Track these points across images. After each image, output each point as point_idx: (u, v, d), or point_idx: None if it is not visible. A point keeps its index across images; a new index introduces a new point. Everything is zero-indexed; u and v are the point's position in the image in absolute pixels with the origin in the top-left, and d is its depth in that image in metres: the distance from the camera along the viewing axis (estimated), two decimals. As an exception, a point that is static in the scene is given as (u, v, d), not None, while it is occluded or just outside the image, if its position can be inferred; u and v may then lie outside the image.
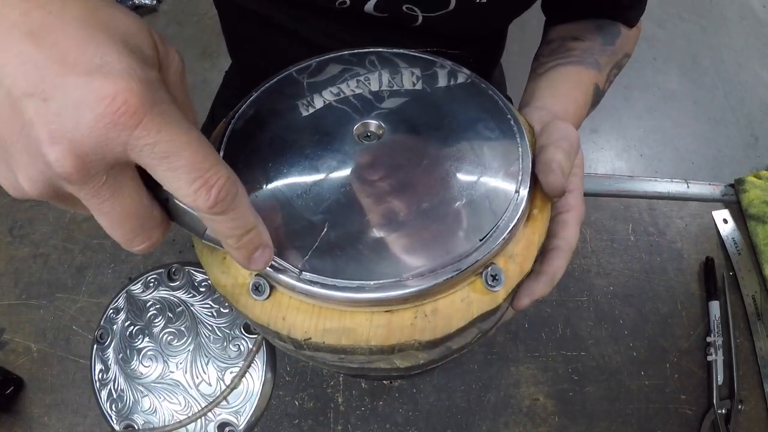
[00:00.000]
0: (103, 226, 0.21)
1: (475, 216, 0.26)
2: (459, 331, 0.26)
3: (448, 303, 0.26)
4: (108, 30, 0.19)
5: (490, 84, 0.33)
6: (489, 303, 0.26)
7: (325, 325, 0.25)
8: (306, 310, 0.26)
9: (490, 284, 0.26)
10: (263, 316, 0.26)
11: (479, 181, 0.28)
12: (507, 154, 0.29)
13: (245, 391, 0.45)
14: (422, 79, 0.33)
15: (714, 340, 0.52)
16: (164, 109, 0.19)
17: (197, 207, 0.20)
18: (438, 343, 0.26)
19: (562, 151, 0.29)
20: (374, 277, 0.24)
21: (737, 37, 1.96)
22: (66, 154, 0.18)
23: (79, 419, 0.47)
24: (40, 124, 0.18)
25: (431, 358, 0.28)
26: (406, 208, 0.27)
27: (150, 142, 0.18)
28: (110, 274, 0.54)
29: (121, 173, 0.20)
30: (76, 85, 0.17)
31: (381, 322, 0.25)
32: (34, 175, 0.19)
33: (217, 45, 1.77)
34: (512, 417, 0.48)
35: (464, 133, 0.30)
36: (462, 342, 0.28)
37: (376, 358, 0.26)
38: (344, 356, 0.26)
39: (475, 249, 0.25)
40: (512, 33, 0.68)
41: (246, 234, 0.22)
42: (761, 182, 0.63)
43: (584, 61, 0.45)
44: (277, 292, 0.26)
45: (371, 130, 0.30)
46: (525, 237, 0.28)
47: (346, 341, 0.25)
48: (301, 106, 0.31)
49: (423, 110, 0.31)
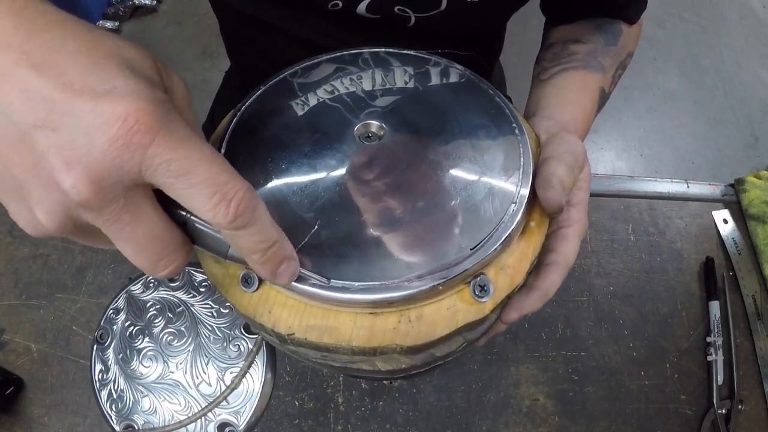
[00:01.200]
0: (127, 255, 0.20)
1: (468, 224, 0.26)
2: (443, 339, 0.25)
3: (433, 310, 0.25)
4: (112, 57, 0.19)
5: (490, 84, 0.33)
6: (475, 313, 0.26)
7: (309, 322, 0.25)
8: (292, 305, 0.26)
9: (478, 295, 0.25)
10: (250, 308, 0.26)
11: (476, 188, 0.27)
12: (507, 161, 0.29)
13: (245, 391, 0.45)
14: (439, 76, 0.33)
15: (714, 340, 0.52)
16: (176, 127, 0.18)
17: (217, 223, 0.19)
18: (421, 350, 0.26)
19: (564, 166, 0.28)
20: (360, 278, 0.24)
21: (737, 37, 1.96)
22: (82, 180, 0.17)
23: (79, 419, 0.47)
24: (53, 154, 0.17)
25: (413, 363, 0.28)
26: (399, 211, 0.26)
27: (165, 159, 0.18)
28: (110, 275, 0.54)
29: (139, 196, 0.19)
30: (86, 110, 0.17)
31: (364, 323, 0.25)
32: (52, 207, 0.19)
33: (217, 45, 1.77)
34: (512, 417, 0.48)
35: (464, 137, 0.29)
36: (446, 350, 0.28)
37: (359, 359, 0.26)
38: (327, 354, 0.26)
39: (465, 258, 0.25)
40: (512, 32, 0.68)
41: (270, 248, 0.22)
42: (761, 182, 0.63)
43: (588, 64, 0.45)
44: (266, 285, 0.27)
45: (372, 131, 0.30)
46: (519, 249, 0.27)
47: (328, 339, 0.25)
48: (296, 105, 0.31)
49: (424, 111, 0.31)
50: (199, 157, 0.19)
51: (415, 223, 0.26)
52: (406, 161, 0.28)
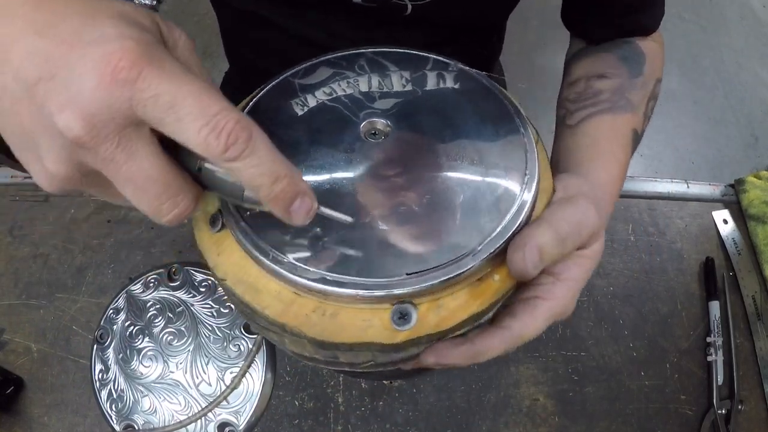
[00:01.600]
0: (129, 197, 0.21)
1: (426, 249, 0.25)
2: (346, 345, 0.25)
3: (350, 315, 0.25)
4: (107, 11, 0.20)
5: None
6: (386, 337, 0.25)
7: (242, 277, 0.26)
8: (238, 257, 0.27)
9: (395, 321, 0.25)
10: (203, 245, 0.28)
11: (453, 219, 0.26)
12: (497, 204, 0.27)
13: (245, 391, 0.45)
14: (444, 78, 0.33)
15: (714, 340, 0.52)
16: (164, 63, 0.19)
17: (210, 155, 0.19)
18: (324, 346, 0.26)
19: (552, 233, 0.26)
20: (299, 258, 0.25)
21: (737, 37, 1.96)
22: (74, 118, 0.18)
23: (79, 419, 0.47)
24: (50, 100, 0.19)
25: (316, 356, 0.28)
26: (368, 210, 0.27)
27: (153, 93, 0.18)
28: (110, 274, 0.54)
29: (134, 135, 0.20)
30: (77, 57, 0.18)
31: (285, 299, 0.26)
32: (57, 154, 0.20)
33: (217, 45, 1.76)
34: (512, 417, 0.48)
35: (462, 152, 0.29)
36: (351, 359, 0.27)
37: (272, 328, 0.27)
38: (248, 312, 0.27)
39: (398, 280, 0.24)
40: (512, 32, 0.68)
41: (276, 182, 0.21)
42: (761, 182, 0.63)
43: (616, 105, 0.42)
44: (227, 231, 0.27)
45: (377, 128, 0.30)
46: (465, 297, 0.26)
47: (248, 298, 0.26)
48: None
49: (430, 111, 0.31)
50: (189, 89, 0.19)
51: (384, 229, 0.26)
52: (393, 169, 0.28)
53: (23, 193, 0.59)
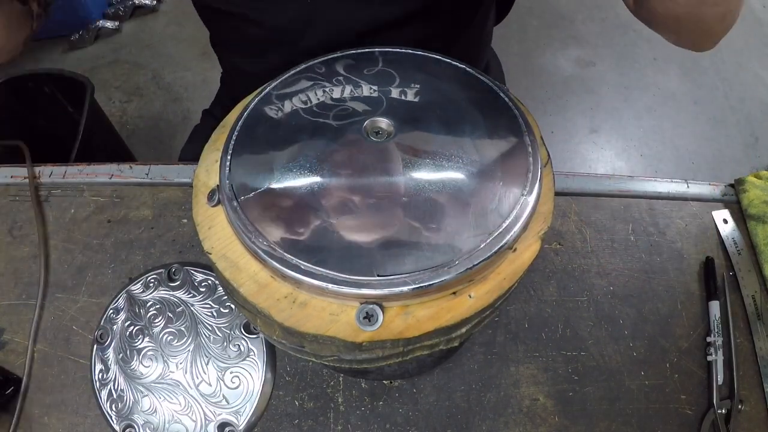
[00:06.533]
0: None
1: (414, 252, 0.25)
2: (311, 335, 0.25)
3: (318, 307, 0.26)
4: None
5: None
6: (349, 335, 0.25)
7: (226, 253, 0.27)
8: (227, 234, 0.28)
9: (360, 320, 0.25)
10: (198, 218, 0.29)
11: (438, 227, 0.26)
12: (486, 218, 0.26)
13: (245, 391, 0.45)
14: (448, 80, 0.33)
15: (714, 340, 0.52)
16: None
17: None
18: (291, 332, 0.26)
19: None
20: (280, 244, 0.26)
21: (737, 37, 1.96)
22: None
23: (79, 419, 0.47)
24: None
25: (284, 342, 0.28)
26: (357, 204, 0.27)
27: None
28: (110, 274, 0.54)
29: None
30: None
31: (261, 280, 0.27)
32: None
33: (217, 45, 1.77)
34: (512, 417, 0.48)
35: (461, 163, 0.29)
36: (317, 350, 0.27)
37: (247, 306, 0.27)
38: (228, 288, 0.28)
39: (370, 280, 0.24)
40: (512, 32, 0.68)
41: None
42: (761, 182, 0.63)
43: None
44: (221, 207, 0.29)
45: (381, 127, 0.30)
46: (434, 308, 0.26)
47: (228, 275, 0.27)
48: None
49: (438, 115, 0.31)
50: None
51: (368, 229, 0.26)
52: (391, 168, 0.29)
53: (23, 193, 0.59)
